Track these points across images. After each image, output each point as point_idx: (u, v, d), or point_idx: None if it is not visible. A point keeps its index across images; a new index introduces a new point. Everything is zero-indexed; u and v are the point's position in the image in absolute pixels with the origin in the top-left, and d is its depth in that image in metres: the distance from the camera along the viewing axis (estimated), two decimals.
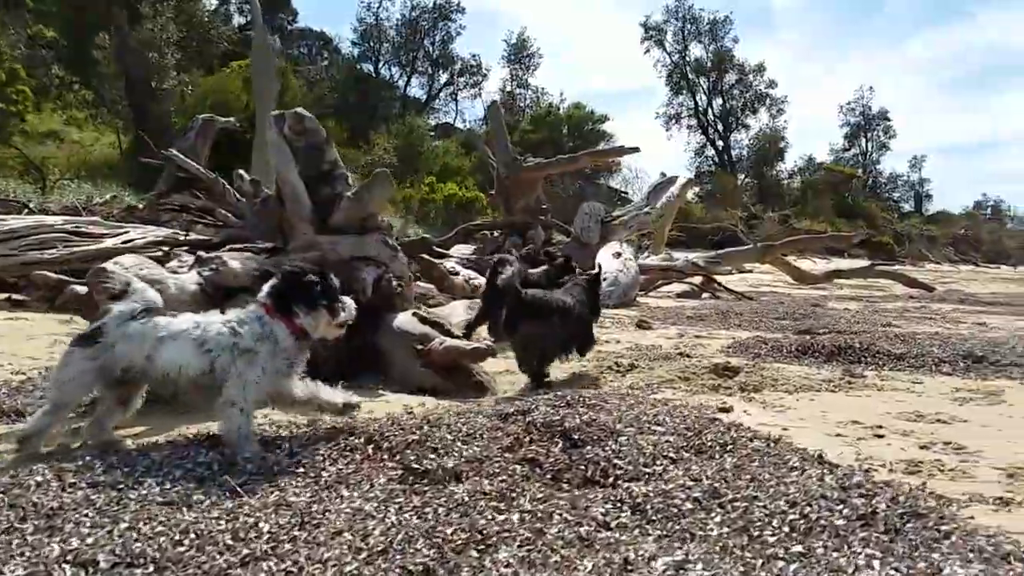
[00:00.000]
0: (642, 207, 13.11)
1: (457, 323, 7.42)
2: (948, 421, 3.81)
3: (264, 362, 2.94)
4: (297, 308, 3.01)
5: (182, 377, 2.95)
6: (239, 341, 2.94)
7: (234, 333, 2.95)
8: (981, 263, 40.87)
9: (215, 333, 2.96)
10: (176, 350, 2.93)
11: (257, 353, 2.93)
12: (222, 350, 2.93)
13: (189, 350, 2.93)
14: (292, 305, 3.01)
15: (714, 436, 3.05)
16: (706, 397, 4.39)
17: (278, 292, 3.03)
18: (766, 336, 6.85)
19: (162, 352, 2.94)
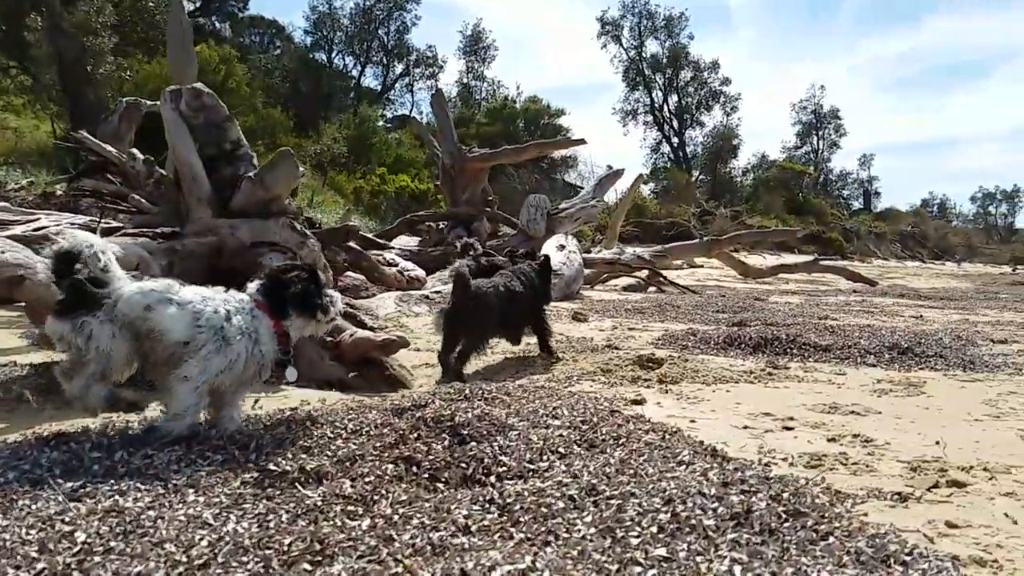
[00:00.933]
0: (588, 199, 12.97)
1: (385, 315, 7.19)
2: (862, 413, 3.70)
3: (234, 356, 2.80)
4: (289, 311, 2.94)
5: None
6: (226, 327, 2.78)
7: (227, 318, 2.80)
8: (927, 259, 41.93)
9: (211, 311, 2.79)
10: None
11: (231, 345, 2.79)
12: (210, 329, 2.77)
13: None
14: (285, 308, 2.93)
15: (610, 429, 2.87)
16: (623, 389, 4.24)
17: (273, 292, 2.94)
18: (698, 328, 6.75)
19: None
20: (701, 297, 11.28)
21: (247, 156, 5.16)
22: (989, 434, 3.30)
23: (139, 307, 2.73)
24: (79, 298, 2.71)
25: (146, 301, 2.73)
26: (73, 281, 2.72)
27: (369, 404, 3.45)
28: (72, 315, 2.70)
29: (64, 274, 2.75)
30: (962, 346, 5.83)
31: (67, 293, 2.73)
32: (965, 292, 15.77)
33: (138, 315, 2.73)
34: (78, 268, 2.75)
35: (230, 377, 2.81)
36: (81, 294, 2.71)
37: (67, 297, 2.73)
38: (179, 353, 2.74)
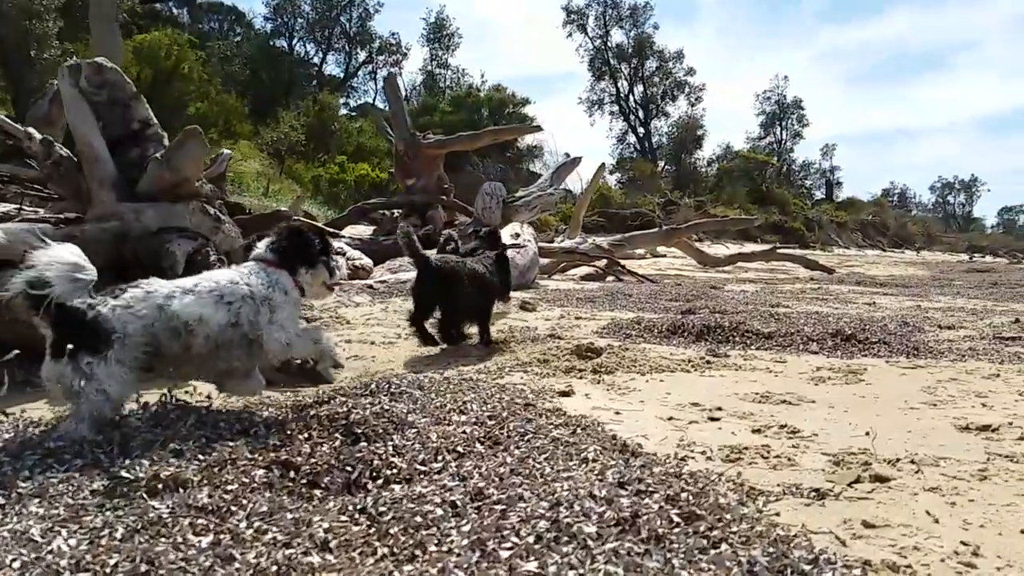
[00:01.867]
0: (545, 188, 12.75)
1: (322, 306, 6.89)
2: (794, 403, 3.54)
3: (283, 307, 2.87)
4: (297, 264, 2.99)
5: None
6: (254, 291, 2.83)
7: (247, 285, 2.83)
8: (887, 248, 42.59)
9: (238, 291, 2.80)
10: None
11: (272, 299, 2.85)
12: (241, 300, 2.79)
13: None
14: (293, 261, 2.98)
15: (518, 425, 2.65)
16: (554, 380, 4.04)
17: (279, 248, 2.99)
18: (646, 317, 6.58)
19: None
20: (657, 286, 11.16)
21: (157, 136, 4.84)
22: (923, 423, 3.15)
23: (150, 312, 2.64)
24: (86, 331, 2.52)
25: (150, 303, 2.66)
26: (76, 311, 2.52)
27: (269, 401, 3.20)
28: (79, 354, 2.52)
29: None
30: (908, 332, 5.74)
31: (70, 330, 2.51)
32: (921, 279, 15.92)
33: (152, 322, 2.64)
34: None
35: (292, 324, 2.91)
36: (86, 326, 2.52)
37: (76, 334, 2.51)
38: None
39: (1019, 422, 3.12)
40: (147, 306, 2.61)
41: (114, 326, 2.53)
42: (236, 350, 2.82)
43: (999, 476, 2.41)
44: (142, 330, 2.59)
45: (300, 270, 3.00)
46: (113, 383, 2.52)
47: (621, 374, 4.22)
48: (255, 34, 49.06)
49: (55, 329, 2.48)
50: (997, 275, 17.53)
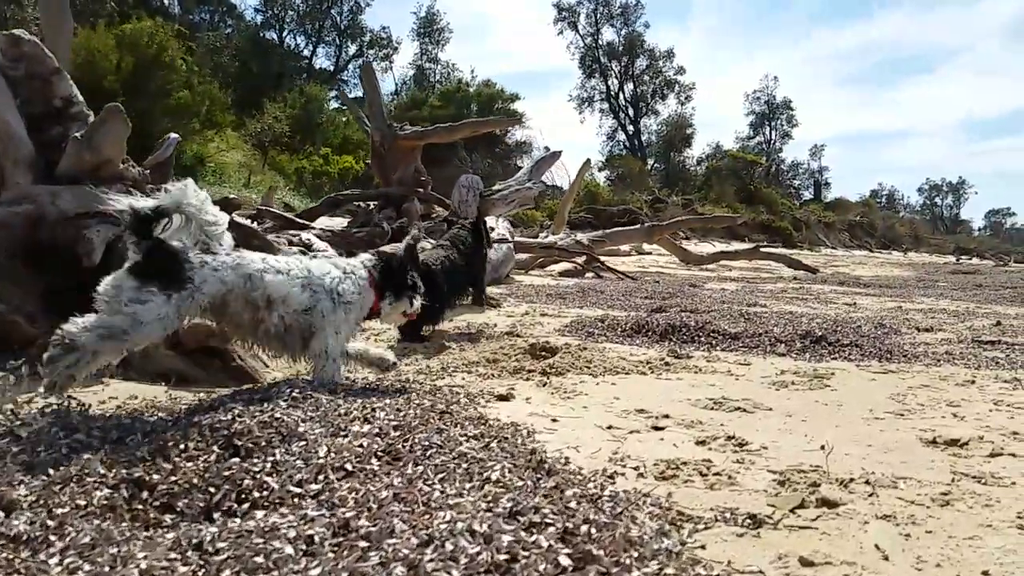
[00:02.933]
0: (524, 182, 12.41)
1: None
2: (749, 410, 3.24)
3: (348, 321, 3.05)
4: (388, 292, 3.22)
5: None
6: (340, 291, 2.99)
7: (338, 282, 3.00)
8: (875, 249, 42.49)
9: (326, 285, 2.97)
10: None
11: (350, 307, 3.02)
12: (324, 294, 2.95)
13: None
14: (386, 287, 3.20)
15: (424, 437, 2.34)
16: (498, 382, 3.74)
17: (385, 271, 3.22)
18: (613, 315, 6.29)
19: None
20: (635, 283, 10.89)
21: (82, 116, 4.49)
22: (886, 436, 2.86)
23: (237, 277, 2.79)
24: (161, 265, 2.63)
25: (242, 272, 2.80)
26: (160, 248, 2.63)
27: (167, 405, 2.89)
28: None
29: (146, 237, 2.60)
30: (883, 335, 5.46)
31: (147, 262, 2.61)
32: (906, 280, 15.71)
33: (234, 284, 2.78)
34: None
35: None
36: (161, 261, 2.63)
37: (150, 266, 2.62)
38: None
39: (991, 436, 2.83)
40: (234, 274, 2.75)
41: (193, 277, 2.64)
42: (296, 337, 2.96)
43: (963, 501, 2.12)
44: (215, 294, 2.71)
45: (388, 296, 3.24)
46: (153, 320, 2.59)
47: (572, 376, 3.92)
48: (245, 26, 48.62)
49: (146, 255, 2.58)
50: (982, 277, 17.36)
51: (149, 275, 2.57)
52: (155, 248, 2.59)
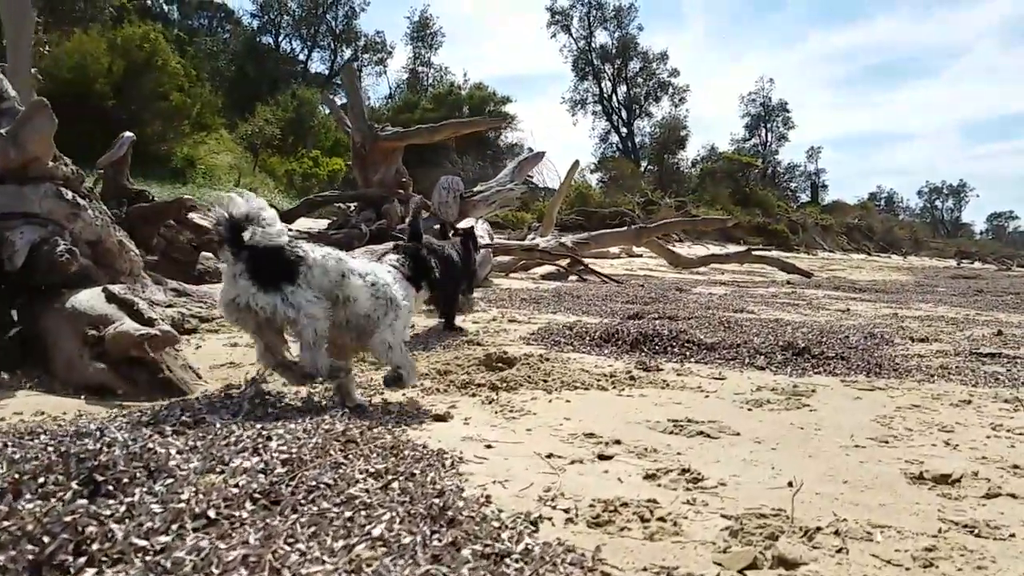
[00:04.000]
0: (505, 183, 12.07)
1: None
2: (714, 435, 2.87)
3: (403, 316, 3.14)
4: (422, 283, 3.34)
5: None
6: (393, 294, 3.08)
7: (391, 285, 3.10)
8: (873, 252, 42.13)
9: (383, 284, 3.06)
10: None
11: (400, 307, 3.09)
12: (384, 298, 3.05)
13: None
14: (419, 279, 3.32)
15: (316, 473, 1.97)
16: (441, 398, 3.37)
17: (414, 265, 3.32)
18: (585, 321, 5.91)
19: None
20: (620, 286, 10.51)
21: (11, 111, 4.14)
22: (866, 469, 2.49)
23: (336, 274, 2.85)
24: (280, 267, 2.66)
25: (341, 269, 2.88)
26: (270, 249, 2.64)
27: (51, 428, 2.52)
28: (278, 287, 2.65)
29: (239, 241, 2.61)
30: (873, 346, 5.09)
31: (266, 263, 2.64)
32: (904, 285, 15.35)
33: (335, 282, 2.84)
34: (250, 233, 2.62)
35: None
36: (281, 263, 2.67)
37: (267, 267, 2.64)
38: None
39: (987, 470, 2.46)
40: (335, 267, 2.86)
41: (307, 260, 2.75)
42: (355, 335, 3.03)
43: (951, 560, 1.75)
44: (327, 283, 2.82)
45: (422, 287, 3.35)
46: (317, 309, 2.72)
47: (524, 392, 3.55)
48: (242, 31, 48.59)
49: (249, 264, 2.62)
50: (984, 282, 17.00)
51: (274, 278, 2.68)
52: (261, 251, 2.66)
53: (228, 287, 2.67)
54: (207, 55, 39.82)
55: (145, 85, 24.23)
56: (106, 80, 23.37)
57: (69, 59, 23.11)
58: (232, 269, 2.65)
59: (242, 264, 2.62)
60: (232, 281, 2.65)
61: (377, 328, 3.01)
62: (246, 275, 2.62)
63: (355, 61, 49.30)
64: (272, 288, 2.63)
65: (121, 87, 23.69)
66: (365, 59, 48.84)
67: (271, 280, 2.63)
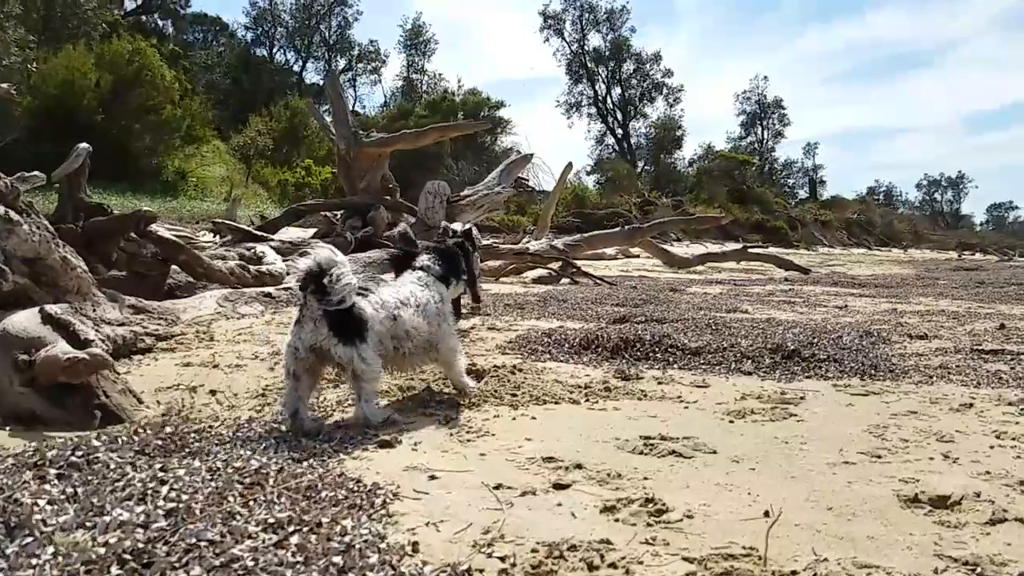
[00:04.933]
0: (493, 186, 11.80)
1: (192, 318, 5.91)
2: (689, 454, 2.59)
3: (449, 316, 3.43)
4: (452, 278, 3.52)
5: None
6: (438, 304, 3.33)
7: (433, 298, 3.32)
8: (873, 246, 41.80)
9: (427, 301, 3.27)
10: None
11: (444, 311, 3.37)
12: (436, 313, 3.29)
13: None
14: (449, 275, 3.51)
15: (201, 528, 1.69)
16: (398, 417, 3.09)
17: (443, 264, 3.50)
18: (568, 326, 5.63)
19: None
20: (612, 288, 10.22)
21: None
22: (855, 491, 2.21)
23: (388, 321, 3.06)
24: (355, 325, 2.87)
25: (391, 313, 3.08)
26: (351, 307, 2.85)
27: None
28: (354, 342, 2.85)
29: (321, 290, 2.77)
30: (868, 345, 4.80)
31: (346, 318, 2.85)
32: (904, 279, 15.03)
33: (390, 327, 3.06)
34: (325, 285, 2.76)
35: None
36: (356, 318, 2.88)
37: (347, 321, 2.85)
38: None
39: (991, 489, 2.18)
40: (386, 314, 3.04)
41: (369, 321, 2.93)
42: (426, 353, 3.29)
43: None
44: (383, 332, 3.02)
45: (452, 282, 3.52)
46: (378, 366, 2.97)
47: (488, 408, 3.27)
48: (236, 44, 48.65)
49: (332, 317, 2.81)
50: (985, 273, 16.69)
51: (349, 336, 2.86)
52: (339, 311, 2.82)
53: (305, 332, 2.83)
54: (202, 68, 39.80)
55: (134, 99, 24.08)
56: (94, 95, 23.23)
57: (56, 75, 22.96)
58: (312, 315, 2.82)
59: (322, 313, 2.79)
60: (313, 327, 2.82)
61: (440, 340, 3.29)
62: (325, 324, 2.80)
63: (349, 71, 49.30)
64: (350, 342, 2.82)
65: (109, 102, 23.56)
66: (359, 68, 48.79)
67: (349, 335, 2.83)
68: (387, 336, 3.05)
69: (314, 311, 2.82)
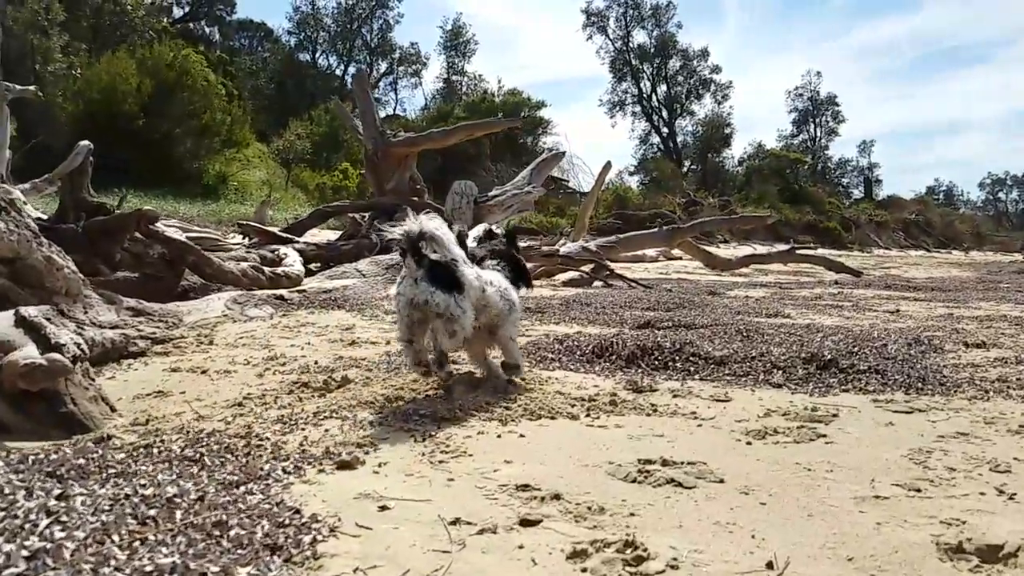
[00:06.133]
0: (522, 186, 11.47)
1: (196, 321, 5.73)
2: (689, 483, 2.21)
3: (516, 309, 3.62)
4: (520, 283, 3.74)
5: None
6: (509, 294, 3.55)
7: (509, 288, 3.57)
8: (932, 248, 40.12)
9: (505, 286, 3.53)
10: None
11: (513, 303, 3.57)
12: (509, 299, 3.53)
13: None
14: (518, 281, 3.73)
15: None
16: (368, 434, 2.80)
17: (511, 267, 3.73)
18: (586, 332, 5.28)
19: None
20: (646, 291, 9.79)
21: None
22: (884, 536, 1.81)
23: (479, 290, 3.28)
24: (451, 278, 3.12)
25: (481, 284, 3.30)
26: (445, 263, 3.12)
27: None
28: (450, 291, 3.10)
29: (419, 253, 3.08)
30: (917, 354, 4.32)
31: (444, 273, 3.11)
32: (964, 282, 14.18)
33: (478, 296, 3.27)
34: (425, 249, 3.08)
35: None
36: (455, 275, 3.13)
37: (445, 276, 3.11)
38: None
39: None
40: (479, 284, 3.29)
41: (466, 281, 3.18)
42: (489, 332, 3.48)
43: None
44: (475, 298, 3.25)
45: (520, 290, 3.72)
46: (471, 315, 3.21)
47: (474, 423, 2.95)
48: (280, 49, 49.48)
49: (431, 272, 3.09)
50: None
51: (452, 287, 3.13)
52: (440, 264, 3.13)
53: (409, 288, 3.12)
54: (247, 74, 40.52)
55: (176, 104, 24.47)
56: (135, 100, 23.67)
57: (99, 80, 23.46)
58: (414, 274, 3.10)
59: (423, 271, 3.08)
60: (414, 284, 3.10)
61: (502, 326, 3.48)
62: (426, 279, 3.08)
63: (391, 74, 49.62)
64: (448, 292, 3.08)
65: (151, 107, 23.99)
66: (400, 71, 49.07)
67: (448, 286, 3.09)
68: (476, 303, 3.28)
69: (414, 271, 3.11)
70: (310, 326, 5.57)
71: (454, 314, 3.12)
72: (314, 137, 29.26)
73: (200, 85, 25.25)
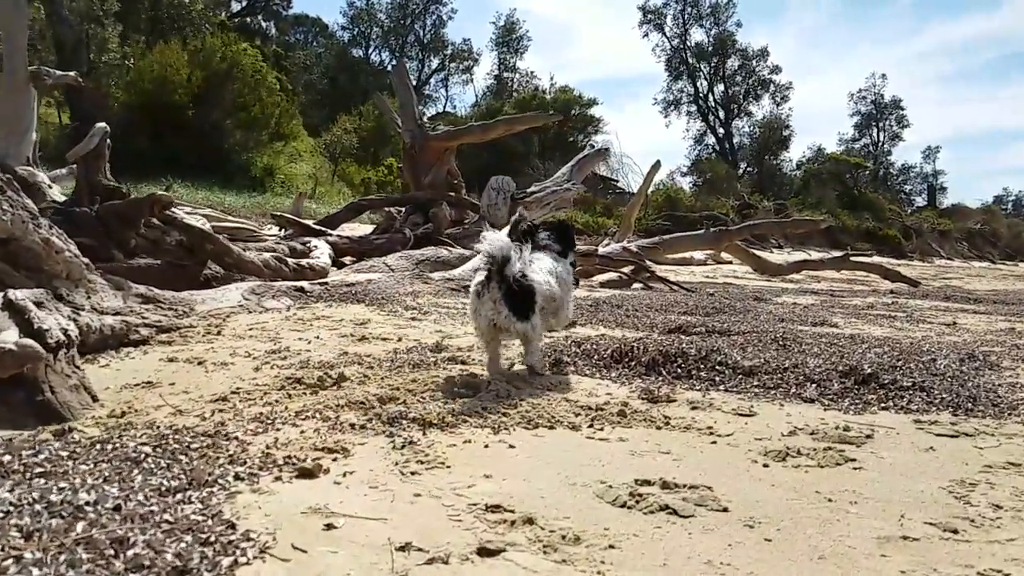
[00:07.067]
0: (562, 183, 11.19)
1: (209, 311, 5.61)
2: (686, 511, 1.92)
3: (571, 288, 3.94)
4: (571, 254, 3.99)
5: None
6: (566, 277, 3.82)
7: (567, 272, 3.84)
8: (998, 260, 38.28)
9: (563, 273, 3.79)
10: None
11: (568, 284, 3.86)
12: (566, 284, 3.83)
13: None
14: (567, 250, 3.96)
15: None
16: (347, 437, 2.60)
17: (560, 237, 3.94)
18: (610, 335, 4.97)
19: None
20: (686, 295, 9.40)
21: None
22: None
23: (547, 286, 3.56)
24: (529, 300, 3.40)
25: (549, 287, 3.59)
26: (524, 288, 3.39)
27: None
28: (527, 317, 3.42)
29: (502, 275, 3.31)
30: (969, 371, 3.90)
31: (520, 298, 3.38)
32: None
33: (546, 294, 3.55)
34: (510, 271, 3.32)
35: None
36: (529, 295, 3.40)
37: (522, 301, 3.38)
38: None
39: None
40: (546, 282, 3.55)
41: (537, 293, 3.46)
42: (554, 316, 3.76)
43: None
44: (544, 299, 3.53)
45: (569, 258, 3.92)
46: (541, 330, 3.62)
47: (463, 430, 2.70)
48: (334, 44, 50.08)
49: (512, 292, 3.35)
50: None
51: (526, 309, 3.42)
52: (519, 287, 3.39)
53: (487, 310, 3.37)
54: (301, 69, 41.07)
55: (226, 96, 24.81)
56: (185, 91, 24.07)
57: (151, 70, 23.94)
58: (492, 295, 3.33)
59: (502, 295, 3.32)
60: (493, 306, 3.34)
61: (561, 307, 3.76)
62: (505, 306, 3.33)
63: (443, 70, 49.74)
64: (525, 318, 3.39)
65: (200, 97, 24.36)
66: (452, 67, 49.16)
67: (524, 312, 3.37)
68: (545, 301, 3.54)
69: (495, 293, 3.33)
70: (324, 319, 5.40)
71: (530, 336, 3.51)
72: (361, 132, 29.41)
73: (251, 78, 25.59)
